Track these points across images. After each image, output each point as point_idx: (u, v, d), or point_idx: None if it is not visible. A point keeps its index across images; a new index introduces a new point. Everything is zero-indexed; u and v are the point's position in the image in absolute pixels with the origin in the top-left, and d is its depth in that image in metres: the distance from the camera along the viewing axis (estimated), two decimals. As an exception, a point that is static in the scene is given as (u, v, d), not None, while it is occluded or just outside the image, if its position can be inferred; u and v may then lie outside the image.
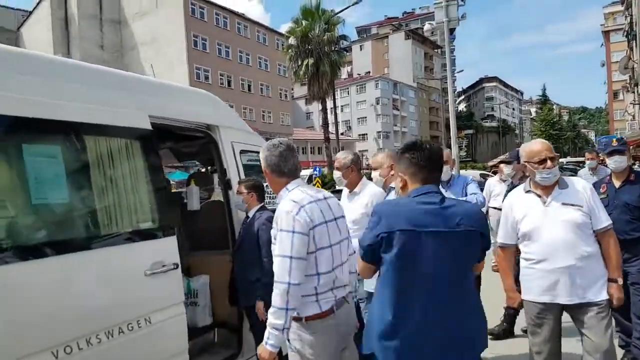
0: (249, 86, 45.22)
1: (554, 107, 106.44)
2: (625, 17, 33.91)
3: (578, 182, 2.85)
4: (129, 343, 2.55)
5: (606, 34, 55.68)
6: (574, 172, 40.73)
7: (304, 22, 26.94)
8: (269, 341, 2.13)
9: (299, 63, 26.81)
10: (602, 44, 57.10)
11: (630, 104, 33.53)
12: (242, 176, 3.91)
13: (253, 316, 3.39)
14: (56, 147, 2.47)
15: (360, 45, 76.92)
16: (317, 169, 23.95)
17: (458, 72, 69.27)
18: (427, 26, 16.64)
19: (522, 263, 2.90)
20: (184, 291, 3.07)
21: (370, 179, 3.87)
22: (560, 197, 2.73)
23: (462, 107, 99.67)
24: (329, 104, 27.98)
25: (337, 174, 3.75)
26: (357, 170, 3.75)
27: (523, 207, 2.82)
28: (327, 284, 2.22)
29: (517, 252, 3.02)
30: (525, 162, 2.83)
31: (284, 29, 48.16)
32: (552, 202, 2.74)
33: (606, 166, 4.30)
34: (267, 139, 3.04)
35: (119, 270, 2.59)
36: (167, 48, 38.46)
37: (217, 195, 4.76)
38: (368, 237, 2.02)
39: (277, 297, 2.11)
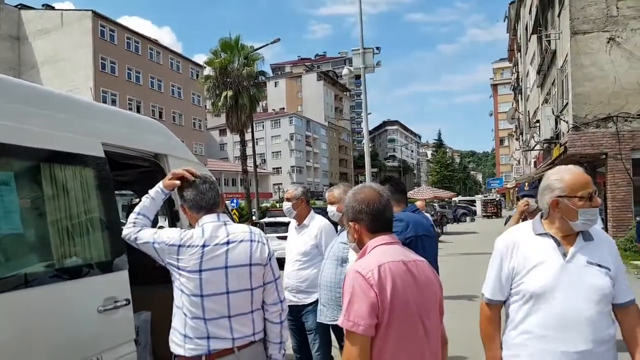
0: (160, 113, 43.75)
1: (448, 150, 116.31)
2: (512, 73, 38.72)
3: (603, 234, 2.09)
4: None
5: (494, 86, 63.20)
6: (468, 211, 43.72)
7: (222, 55, 27.00)
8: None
9: (217, 94, 26.63)
10: (491, 95, 64.64)
11: (516, 150, 37.86)
12: None
13: None
14: (8, 174, 2.30)
15: (275, 82, 78.71)
16: (235, 201, 23.65)
17: (368, 114, 73.54)
18: (345, 70, 17.57)
19: (515, 337, 1.97)
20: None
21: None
22: (585, 251, 1.93)
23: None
24: (247, 136, 27.96)
25: (287, 205, 3.82)
26: (307, 203, 3.85)
27: (533, 255, 1.94)
28: (197, 331, 2.12)
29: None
30: (563, 196, 1.92)
31: (197, 58, 47.54)
32: (575, 256, 1.92)
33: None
34: None
35: (72, 307, 2.44)
36: (72, 69, 36.26)
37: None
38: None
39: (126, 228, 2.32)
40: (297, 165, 68.32)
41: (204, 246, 2.13)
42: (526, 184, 4.31)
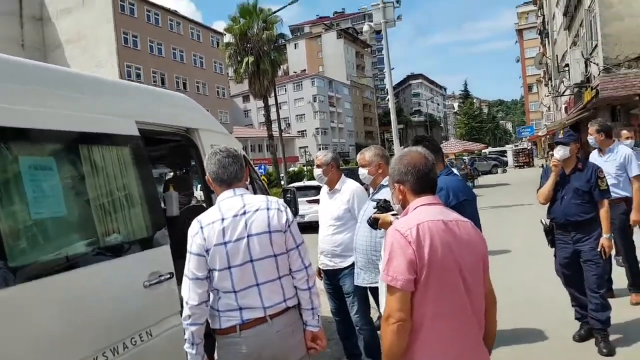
0: (184, 84, 44.15)
1: (475, 101, 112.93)
2: (537, 16, 36.93)
3: None
4: (133, 358, 2.45)
5: (520, 32, 60.41)
6: (499, 162, 42.73)
7: (241, 21, 26.84)
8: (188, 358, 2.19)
9: (239, 61, 26.70)
10: (517, 41, 61.91)
11: (546, 96, 36.60)
12: None
13: None
14: (50, 159, 2.37)
15: (295, 44, 77.43)
16: (262, 166, 24.16)
17: (391, 70, 72.11)
18: (365, 27, 17.20)
19: None
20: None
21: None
22: None
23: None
24: (271, 101, 28.11)
25: (317, 172, 3.83)
26: (337, 168, 3.85)
27: None
28: (229, 304, 2.15)
29: None
30: None
31: (217, 26, 47.25)
32: None
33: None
34: None
35: (120, 283, 2.50)
36: (95, 45, 36.67)
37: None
38: None
39: (183, 313, 2.18)
40: (322, 127, 68.03)
41: (222, 220, 2.17)
42: (561, 131, 4.24)
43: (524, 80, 63.29)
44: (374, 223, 2.86)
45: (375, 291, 3.23)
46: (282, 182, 24.57)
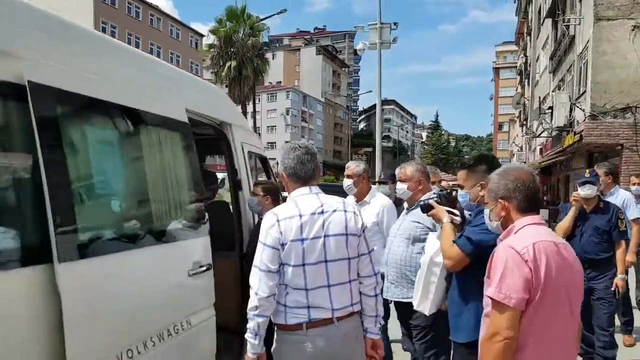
0: (159, 82, 43.23)
1: (444, 132, 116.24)
2: (520, 57, 38.18)
3: None
4: (174, 347, 2.44)
5: (497, 70, 62.65)
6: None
7: (228, 24, 26.47)
8: (247, 347, 2.19)
9: (221, 64, 26.21)
10: (492, 79, 64.18)
11: (518, 136, 37.75)
12: (250, 178, 3.87)
13: None
14: (113, 135, 2.33)
15: (273, 54, 77.29)
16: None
17: (367, 93, 72.89)
18: (360, 45, 17.26)
19: None
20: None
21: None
22: None
23: (362, 125, 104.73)
24: (249, 108, 27.66)
25: (347, 182, 3.79)
26: (368, 180, 3.81)
27: None
28: (298, 301, 2.14)
29: None
30: None
31: (194, 26, 46.56)
32: None
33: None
34: None
35: (169, 269, 2.51)
36: (72, 30, 35.54)
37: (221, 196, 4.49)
38: (491, 238, 2.19)
39: (249, 303, 2.16)
40: (292, 141, 67.93)
41: (300, 216, 2.15)
42: (587, 171, 4.38)
43: (495, 118, 65.44)
44: (427, 208, 2.79)
45: (402, 306, 3.23)
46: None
